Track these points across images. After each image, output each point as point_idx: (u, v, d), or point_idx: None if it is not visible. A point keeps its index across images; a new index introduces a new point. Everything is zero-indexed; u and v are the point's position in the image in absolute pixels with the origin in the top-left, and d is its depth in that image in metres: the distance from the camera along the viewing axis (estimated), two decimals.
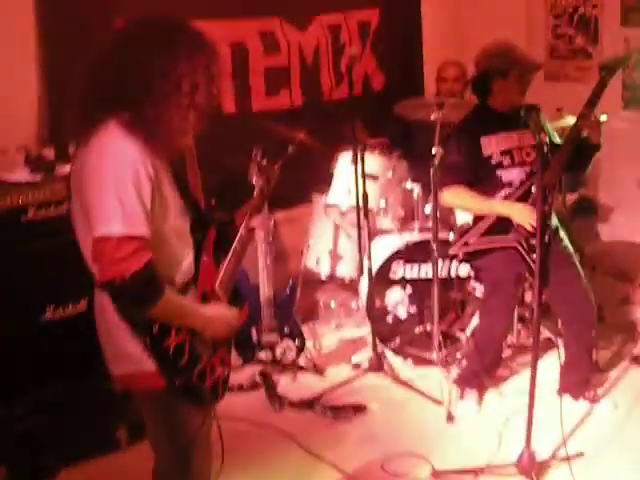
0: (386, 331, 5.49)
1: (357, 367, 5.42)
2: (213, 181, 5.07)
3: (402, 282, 5.50)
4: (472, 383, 4.97)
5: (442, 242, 5.22)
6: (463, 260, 5.26)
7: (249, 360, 5.34)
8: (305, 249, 5.95)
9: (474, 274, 5.33)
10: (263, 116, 6.09)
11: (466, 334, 5.43)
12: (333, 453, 4.51)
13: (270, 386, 5.12)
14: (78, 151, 2.81)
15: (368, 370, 5.29)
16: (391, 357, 5.48)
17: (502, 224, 4.73)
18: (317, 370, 5.40)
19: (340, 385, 5.17)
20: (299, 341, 5.37)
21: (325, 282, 6.17)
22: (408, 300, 5.51)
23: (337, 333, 6.03)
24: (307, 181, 5.99)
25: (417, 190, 5.69)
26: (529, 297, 5.55)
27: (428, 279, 5.37)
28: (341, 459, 4.45)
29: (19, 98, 4.97)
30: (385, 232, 5.75)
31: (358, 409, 4.94)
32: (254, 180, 4.67)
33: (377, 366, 5.27)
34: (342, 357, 5.62)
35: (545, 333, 5.36)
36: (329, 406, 4.95)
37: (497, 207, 4.74)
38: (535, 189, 4.54)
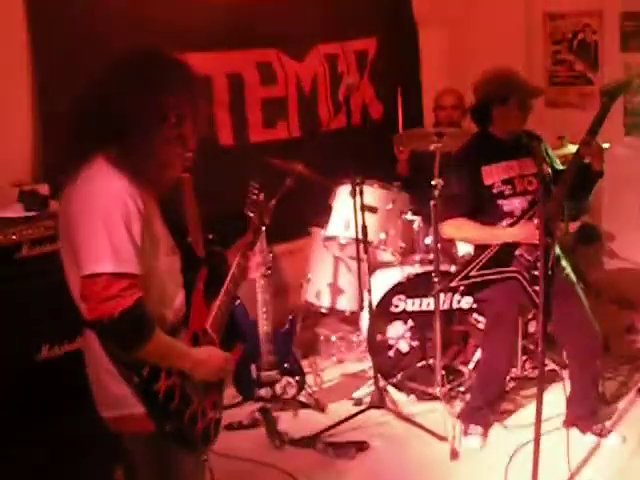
0: (388, 365, 5.40)
1: (359, 403, 5.32)
2: (210, 214, 5.03)
3: (403, 315, 5.42)
4: (476, 418, 4.87)
5: (444, 274, 5.12)
6: (465, 292, 5.16)
7: (249, 397, 5.25)
8: (305, 282, 5.87)
9: (477, 307, 5.22)
10: (261, 148, 6.04)
11: (469, 368, 5.34)
12: None
13: (270, 423, 5.03)
14: (66, 188, 2.74)
15: (370, 406, 5.17)
16: (393, 392, 5.39)
17: (503, 256, 4.68)
18: (318, 406, 5.30)
19: (342, 422, 5.04)
20: (299, 377, 5.28)
21: (325, 315, 6.10)
22: (410, 334, 5.43)
23: (338, 367, 5.94)
24: (306, 214, 5.91)
25: (417, 222, 5.62)
26: (533, 328, 5.46)
27: (430, 312, 5.28)
28: None
29: (13, 133, 4.91)
30: (386, 265, 5.68)
31: (360, 446, 4.84)
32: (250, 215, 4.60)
33: (379, 402, 5.15)
34: (343, 392, 5.52)
35: (550, 364, 5.29)
36: (330, 443, 4.85)
37: (500, 234, 4.68)
38: (537, 220, 4.47)
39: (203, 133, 2.93)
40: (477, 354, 5.29)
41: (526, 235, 4.57)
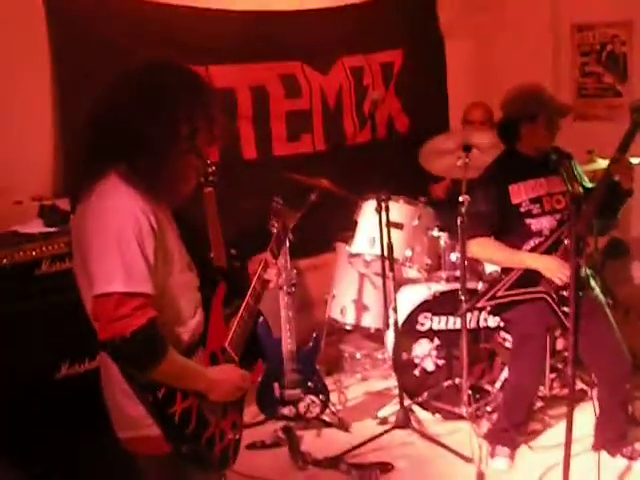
0: (413, 384, 5.31)
1: (383, 422, 5.24)
2: (234, 229, 4.98)
3: (429, 334, 5.33)
4: (503, 439, 4.77)
5: (471, 292, 5.04)
6: (492, 312, 5.07)
7: (272, 416, 5.18)
8: (329, 299, 5.79)
9: (504, 326, 5.12)
10: (285, 162, 5.99)
11: (495, 387, 5.25)
12: None
13: (293, 443, 4.95)
14: (79, 204, 2.69)
15: (395, 426, 5.09)
16: (418, 411, 5.31)
17: (531, 276, 4.60)
18: (342, 426, 5.22)
19: (366, 442, 4.95)
20: (323, 396, 5.21)
21: (350, 332, 6.03)
22: (436, 352, 5.34)
23: (363, 385, 5.86)
24: (330, 229, 5.85)
25: (444, 238, 5.54)
26: (560, 345, 5.37)
27: (456, 330, 5.20)
28: None
29: (34, 148, 4.89)
30: (411, 281, 5.60)
31: (384, 467, 4.74)
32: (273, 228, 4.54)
33: (404, 421, 5.07)
34: (368, 411, 5.43)
35: (579, 384, 5.20)
36: (354, 464, 4.75)
37: (526, 260, 4.60)
38: (567, 240, 4.41)
39: (221, 144, 2.88)
40: (504, 373, 5.20)
41: (551, 270, 4.49)
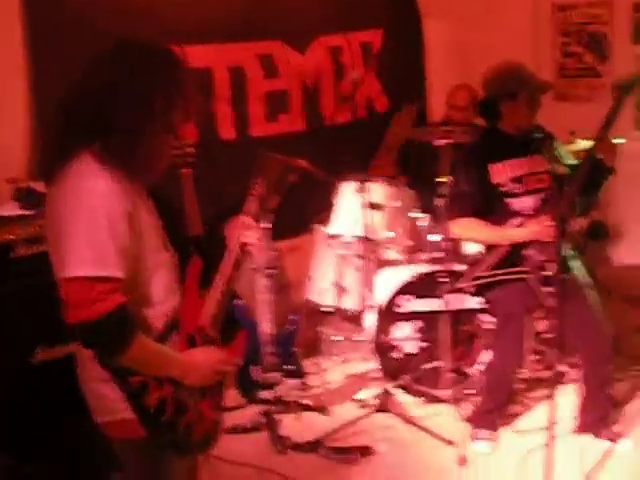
0: (394, 367, 5.25)
1: (364, 405, 5.19)
2: (211, 211, 4.90)
3: (410, 316, 5.27)
4: (485, 422, 4.74)
5: (452, 274, 4.99)
6: (474, 293, 5.01)
7: (250, 400, 5.12)
8: (307, 281, 5.73)
9: (485, 308, 5.06)
10: (263, 142, 5.90)
11: (476, 369, 5.20)
12: None
13: (273, 427, 4.90)
14: (53, 186, 2.59)
15: (375, 409, 5.04)
16: (399, 394, 5.25)
17: (513, 256, 4.59)
18: (322, 409, 5.17)
19: (346, 425, 4.91)
20: (302, 379, 5.16)
21: (328, 315, 5.96)
22: (416, 334, 5.28)
23: (342, 368, 5.81)
24: (307, 210, 5.79)
25: (425, 219, 5.48)
26: (541, 327, 5.33)
27: (437, 312, 5.14)
28: None
29: (9, 130, 4.78)
30: (392, 263, 5.53)
31: (365, 451, 4.71)
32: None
33: (385, 404, 5.03)
34: (348, 394, 5.39)
35: (560, 366, 5.17)
36: (334, 448, 4.72)
37: (510, 235, 4.57)
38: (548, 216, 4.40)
39: (196, 122, 2.82)
40: (483, 356, 5.16)
41: (536, 234, 4.46)
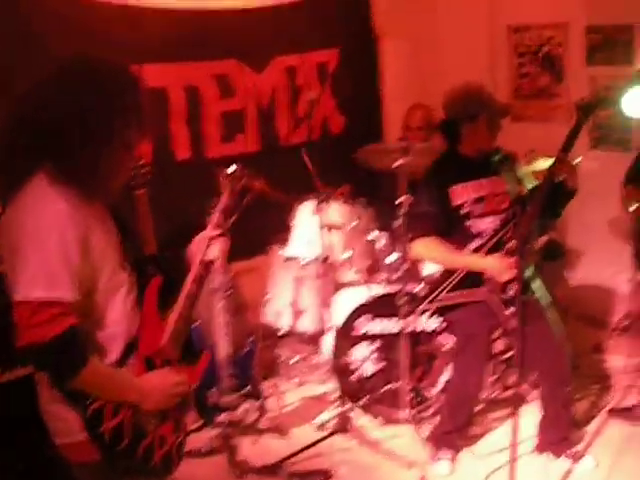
0: (352, 389, 5.20)
1: (322, 428, 5.13)
2: (167, 232, 4.83)
3: (368, 337, 5.22)
4: (445, 443, 4.72)
5: (411, 295, 4.96)
6: (434, 313, 4.98)
7: (209, 423, 5.04)
8: (264, 303, 5.67)
9: (445, 329, 5.03)
10: (218, 163, 5.83)
11: (436, 390, 5.17)
12: None
13: (231, 450, 4.82)
14: (7, 206, 2.54)
15: (334, 431, 4.99)
16: (358, 416, 5.20)
17: (473, 277, 4.58)
18: (280, 432, 5.10)
19: (305, 448, 4.85)
20: (260, 401, 5.09)
21: (285, 336, 5.90)
22: (375, 355, 5.24)
23: (299, 390, 5.74)
24: (264, 231, 5.72)
25: (383, 240, 5.45)
26: (499, 347, 5.31)
27: (395, 333, 5.10)
28: None
29: None
30: (350, 284, 5.48)
31: (324, 474, 4.65)
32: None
33: (344, 427, 4.99)
34: (306, 416, 5.32)
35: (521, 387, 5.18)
36: (293, 472, 4.66)
37: (470, 261, 4.56)
38: (510, 240, 4.40)
39: (151, 142, 2.77)
40: (443, 376, 5.13)
41: (496, 269, 4.46)
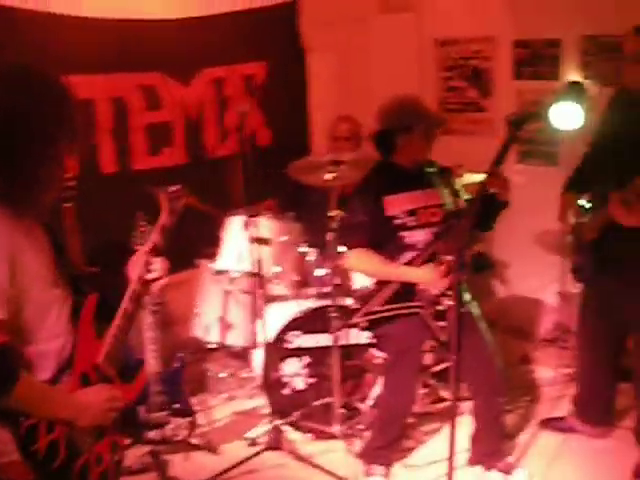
0: (283, 404, 5.15)
1: (253, 443, 5.08)
2: (95, 246, 4.76)
3: (299, 352, 5.19)
4: (378, 458, 4.67)
5: (341, 309, 4.92)
6: (365, 328, 4.94)
7: (137, 440, 4.94)
8: (193, 317, 5.60)
9: (376, 342, 4.99)
10: (145, 176, 5.78)
11: (367, 404, 5.14)
12: None
13: (162, 468, 4.73)
14: None
15: (266, 447, 4.93)
16: (289, 432, 5.15)
17: (406, 290, 4.55)
18: (211, 448, 5.03)
19: (237, 464, 4.78)
20: (190, 418, 5.00)
21: (214, 351, 5.84)
22: (305, 370, 5.21)
23: (229, 405, 5.66)
24: (192, 244, 5.65)
25: (312, 254, 5.43)
26: (429, 360, 5.30)
27: (326, 347, 5.07)
28: None
29: None
30: (279, 299, 5.45)
31: None
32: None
33: (275, 442, 4.93)
34: (236, 432, 5.25)
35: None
36: None
37: (404, 273, 4.54)
38: (442, 253, 4.40)
39: (81, 154, 2.70)
40: (374, 390, 5.11)
41: (429, 281, 4.45)
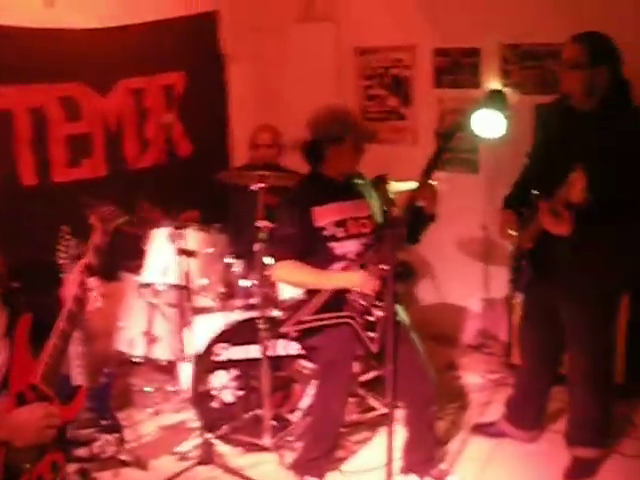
0: (212, 417, 5.08)
1: (183, 458, 5.00)
2: (17, 260, 4.66)
3: (227, 364, 5.12)
4: (311, 469, 4.63)
5: (269, 320, 4.89)
6: (294, 339, 4.91)
7: (66, 458, 4.83)
8: (117, 331, 5.52)
9: (305, 353, 4.97)
10: (65, 188, 5.69)
11: (297, 416, 5.12)
12: None
13: None
14: None
15: (197, 461, 4.87)
16: (219, 445, 5.09)
17: (336, 301, 4.52)
18: (140, 464, 4.94)
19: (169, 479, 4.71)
20: (118, 434, 4.92)
21: (139, 365, 5.76)
22: (234, 383, 5.15)
23: (155, 420, 5.56)
24: (115, 257, 5.56)
25: (239, 266, 5.39)
26: (356, 369, 5.30)
27: (254, 360, 5.03)
28: None
29: None
30: (206, 311, 5.39)
31: None
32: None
33: (206, 456, 4.86)
34: (164, 447, 5.16)
35: (381, 408, 5.20)
36: None
37: (334, 279, 4.51)
38: (371, 263, 4.40)
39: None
40: (303, 401, 5.10)
41: (362, 285, 4.44)
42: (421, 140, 6.72)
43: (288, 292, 5.18)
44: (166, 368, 5.71)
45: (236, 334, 5.11)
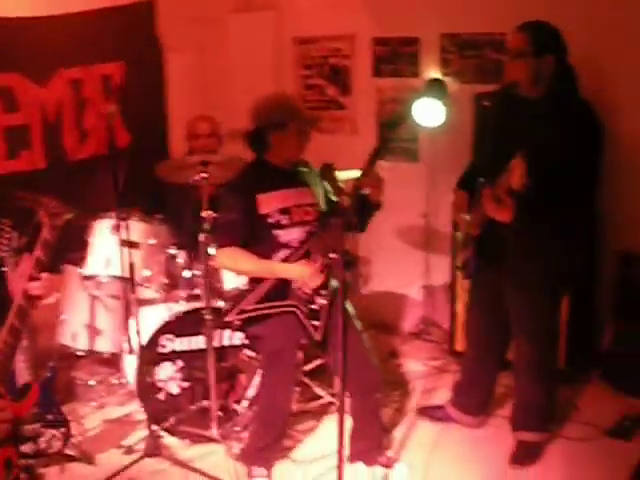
0: (158, 409, 5.06)
1: (130, 451, 4.98)
2: None
3: (172, 355, 5.11)
4: (259, 459, 4.65)
5: (214, 310, 4.87)
6: (238, 328, 4.90)
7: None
8: (59, 324, 5.47)
9: (249, 343, 4.95)
10: (4, 181, 5.61)
11: (242, 406, 5.12)
12: None
13: None
14: None
15: (144, 454, 4.85)
16: (166, 437, 5.07)
17: (280, 289, 4.52)
18: (86, 459, 4.90)
19: (116, 473, 4.66)
20: (64, 428, 4.87)
21: (82, 358, 5.72)
22: (179, 375, 5.14)
23: (100, 413, 5.52)
24: (58, 249, 5.51)
25: (181, 257, 5.36)
26: (301, 359, 5.32)
27: (199, 350, 5.03)
28: None
29: None
30: (149, 303, 5.37)
31: None
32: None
33: (153, 449, 4.85)
34: (110, 440, 5.13)
35: (326, 397, 5.22)
36: None
37: (277, 269, 4.51)
38: (315, 251, 4.42)
39: None
40: (249, 391, 5.10)
41: (304, 276, 4.45)
42: (360, 129, 6.74)
43: (232, 282, 5.17)
44: (110, 361, 5.69)
45: (180, 325, 5.09)
